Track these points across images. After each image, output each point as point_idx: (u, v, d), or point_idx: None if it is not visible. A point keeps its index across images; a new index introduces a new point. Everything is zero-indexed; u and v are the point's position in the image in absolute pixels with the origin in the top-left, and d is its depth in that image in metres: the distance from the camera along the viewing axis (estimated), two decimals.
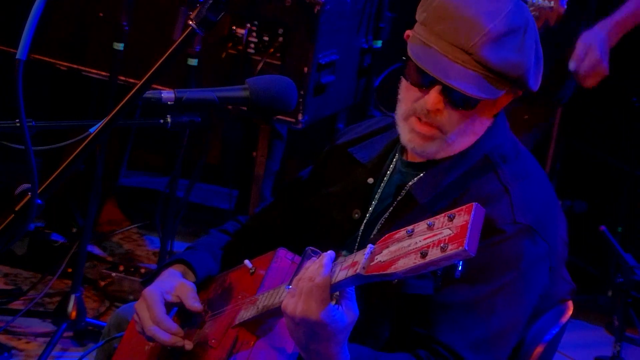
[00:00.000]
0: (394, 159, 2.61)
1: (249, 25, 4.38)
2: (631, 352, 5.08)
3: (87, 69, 4.56)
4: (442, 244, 1.90)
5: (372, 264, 2.03)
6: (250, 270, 2.55)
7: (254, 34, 4.39)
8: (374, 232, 2.56)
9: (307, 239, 2.61)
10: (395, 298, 2.41)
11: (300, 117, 4.39)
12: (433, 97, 2.41)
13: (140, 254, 5.40)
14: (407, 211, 2.50)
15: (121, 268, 4.91)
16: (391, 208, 2.54)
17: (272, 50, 4.38)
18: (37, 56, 4.51)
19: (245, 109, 2.52)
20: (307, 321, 2.11)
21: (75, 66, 4.57)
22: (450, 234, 1.91)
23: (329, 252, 2.16)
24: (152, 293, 2.58)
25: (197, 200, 5.99)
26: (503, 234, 2.36)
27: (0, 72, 3.60)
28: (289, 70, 4.29)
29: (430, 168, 2.52)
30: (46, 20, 4.42)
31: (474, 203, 1.93)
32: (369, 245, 2.07)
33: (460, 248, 1.87)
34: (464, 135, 2.46)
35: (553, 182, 6.10)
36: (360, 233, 2.59)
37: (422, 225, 1.99)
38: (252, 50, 4.40)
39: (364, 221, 2.59)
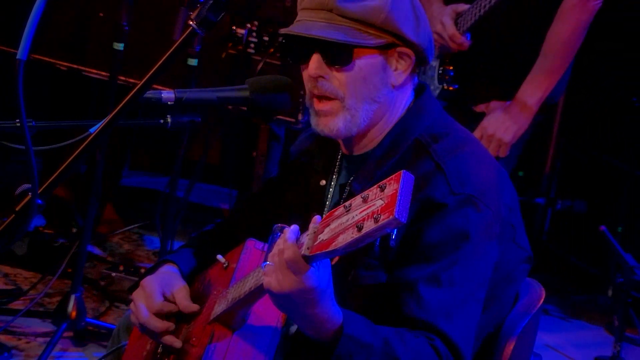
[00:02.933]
0: (339, 157, 2.65)
1: (249, 25, 4.38)
2: (631, 352, 5.09)
3: (87, 69, 4.57)
4: (375, 215, 1.94)
5: (315, 243, 2.07)
6: (224, 265, 2.58)
7: (254, 34, 4.39)
8: None
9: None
10: (356, 294, 2.44)
11: (300, 117, 4.39)
12: (312, 61, 2.48)
13: (140, 254, 5.40)
14: None
15: (121, 268, 4.91)
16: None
17: (272, 50, 4.38)
18: (37, 56, 4.52)
19: (245, 109, 2.52)
20: (295, 291, 2.14)
21: (75, 66, 4.57)
22: (382, 204, 1.95)
23: (293, 225, 2.19)
24: (152, 284, 2.60)
25: (197, 200, 5.99)
26: (445, 207, 2.40)
27: (0, 72, 3.60)
28: (289, 70, 4.28)
29: (365, 161, 2.56)
30: (46, 20, 4.42)
31: (402, 170, 1.97)
32: (312, 226, 2.11)
33: (391, 217, 1.90)
34: (364, 101, 2.49)
35: (553, 182, 6.11)
36: None
37: (357, 200, 2.02)
38: (252, 50, 4.40)
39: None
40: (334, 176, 2.65)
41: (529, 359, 2.73)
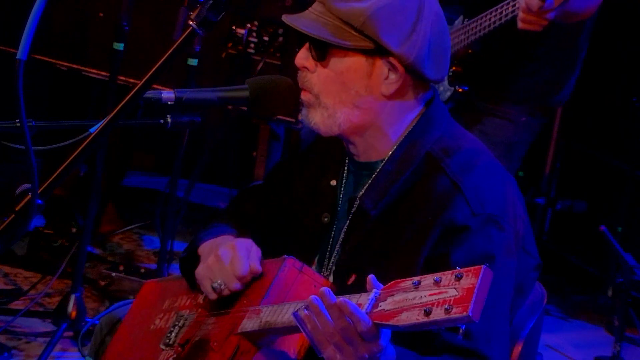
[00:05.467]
0: (347, 159, 2.64)
1: (249, 25, 4.38)
2: (631, 352, 5.09)
3: (87, 69, 4.57)
4: (446, 305, 1.89)
5: (375, 310, 2.03)
6: (258, 273, 2.52)
7: (254, 34, 4.40)
8: (337, 248, 2.57)
9: (281, 241, 2.63)
10: None
11: (300, 117, 4.39)
12: (300, 51, 2.51)
13: (140, 254, 5.40)
14: (363, 225, 2.52)
15: (121, 268, 4.91)
16: (347, 222, 2.56)
17: (272, 50, 4.38)
18: (37, 56, 4.52)
19: (245, 109, 2.52)
20: (367, 357, 2.10)
21: (75, 66, 4.57)
22: (455, 295, 1.90)
23: (348, 301, 2.09)
24: (245, 246, 2.53)
25: (197, 200, 6.00)
26: (468, 230, 2.38)
27: (0, 72, 3.60)
28: (289, 70, 4.28)
29: (374, 172, 2.54)
30: (46, 20, 4.42)
31: (483, 266, 1.91)
32: (374, 291, 2.07)
33: (464, 314, 1.86)
34: (341, 104, 2.47)
35: (553, 182, 6.11)
36: (332, 238, 2.61)
37: (429, 279, 1.97)
38: (252, 50, 4.40)
39: (334, 226, 2.62)
40: (343, 180, 2.63)
41: (535, 359, 2.73)
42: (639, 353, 5.22)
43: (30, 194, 2.06)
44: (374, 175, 2.54)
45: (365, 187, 2.54)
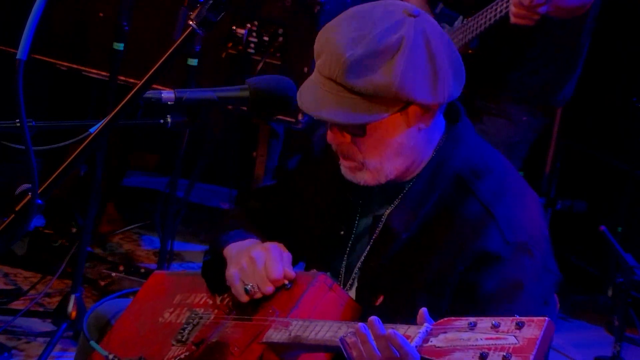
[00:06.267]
0: None
1: (249, 25, 4.38)
2: (631, 352, 5.08)
3: (87, 69, 4.57)
4: (505, 353, 1.86)
5: (426, 345, 2.00)
6: (287, 285, 2.50)
7: (254, 34, 4.39)
8: (358, 265, 2.56)
9: (292, 247, 2.60)
10: None
11: (300, 117, 4.39)
12: (329, 133, 2.47)
13: (140, 254, 5.40)
14: (390, 245, 2.50)
15: (121, 268, 4.91)
16: (372, 241, 2.55)
17: (272, 50, 4.38)
18: (37, 56, 4.52)
19: (245, 109, 2.52)
20: None
21: (75, 66, 4.57)
22: (515, 344, 1.87)
23: (396, 332, 2.09)
24: (278, 250, 2.52)
25: (197, 200, 5.99)
26: (501, 259, 2.39)
27: (0, 72, 3.60)
28: (289, 70, 4.29)
29: (401, 191, 2.51)
30: (46, 20, 4.42)
31: (547, 318, 1.89)
32: (426, 325, 2.07)
33: None
34: (387, 159, 2.45)
35: (553, 182, 6.11)
36: (347, 252, 2.60)
37: (486, 322, 1.95)
38: (252, 50, 4.40)
39: (351, 240, 2.60)
40: (362, 193, 2.59)
41: None
42: (639, 353, 5.22)
43: (30, 194, 2.06)
44: (401, 195, 2.52)
45: (392, 206, 2.52)
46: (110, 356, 2.60)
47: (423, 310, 2.11)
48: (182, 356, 2.52)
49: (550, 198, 6.14)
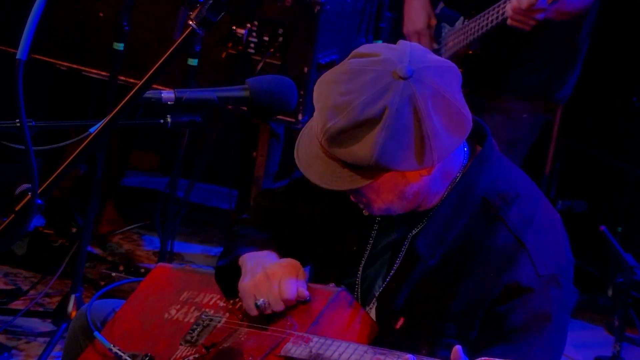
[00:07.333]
0: None
1: (249, 25, 4.38)
2: (631, 352, 5.08)
3: (87, 69, 4.57)
4: None
5: None
6: (306, 298, 2.48)
7: (254, 34, 4.39)
8: (381, 284, 2.54)
9: (302, 256, 2.58)
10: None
11: (300, 117, 4.39)
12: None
13: (140, 254, 5.40)
14: (415, 269, 2.48)
15: (121, 268, 4.91)
16: (395, 265, 2.52)
17: (272, 50, 4.38)
18: (37, 56, 4.52)
19: (245, 109, 2.52)
20: None
21: (75, 66, 4.57)
22: None
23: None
24: (294, 269, 2.51)
25: (197, 200, 5.99)
26: (532, 292, 2.39)
27: (0, 72, 3.60)
28: (289, 70, 4.29)
29: (426, 215, 2.49)
30: (46, 20, 4.41)
31: None
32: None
33: None
34: (391, 203, 2.42)
35: (553, 182, 6.11)
36: (361, 268, 2.58)
37: None
38: (252, 50, 4.40)
39: (364, 257, 2.59)
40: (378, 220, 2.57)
41: None
42: (639, 353, 5.22)
43: (30, 194, 2.06)
44: (426, 218, 2.49)
45: (416, 229, 2.50)
46: (114, 348, 2.59)
47: (457, 348, 2.09)
48: (192, 358, 2.50)
49: (550, 198, 6.14)
